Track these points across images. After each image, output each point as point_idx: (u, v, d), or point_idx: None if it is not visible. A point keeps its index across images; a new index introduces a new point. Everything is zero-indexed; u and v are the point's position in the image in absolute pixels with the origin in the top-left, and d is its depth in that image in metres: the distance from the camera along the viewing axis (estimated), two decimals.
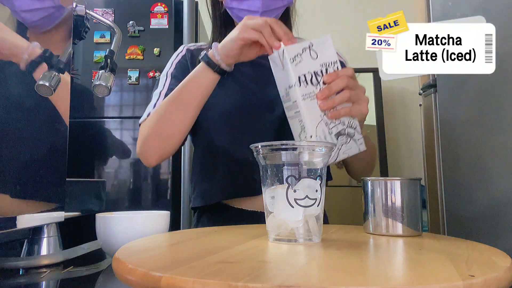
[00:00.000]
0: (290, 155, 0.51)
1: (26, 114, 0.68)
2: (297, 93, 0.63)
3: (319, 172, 0.51)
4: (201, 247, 0.51)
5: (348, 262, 0.41)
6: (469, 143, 0.68)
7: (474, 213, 0.64)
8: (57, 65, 0.70)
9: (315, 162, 0.51)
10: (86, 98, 1.98)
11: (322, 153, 0.51)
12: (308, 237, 0.51)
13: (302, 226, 0.50)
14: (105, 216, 0.65)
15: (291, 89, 0.65)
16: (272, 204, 0.51)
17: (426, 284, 0.31)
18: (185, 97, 0.79)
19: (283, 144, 0.50)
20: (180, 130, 0.81)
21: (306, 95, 0.64)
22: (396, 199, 0.58)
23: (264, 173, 0.52)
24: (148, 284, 0.35)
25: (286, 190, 0.49)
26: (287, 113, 0.70)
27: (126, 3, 2.00)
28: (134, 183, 1.94)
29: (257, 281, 0.32)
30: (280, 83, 0.69)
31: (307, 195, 0.49)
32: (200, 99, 0.79)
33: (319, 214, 0.51)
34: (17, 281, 0.57)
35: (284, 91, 0.68)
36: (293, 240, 0.50)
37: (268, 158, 0.52)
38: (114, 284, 0.54)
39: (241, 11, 0.85)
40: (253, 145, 0.53)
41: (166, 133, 0.81)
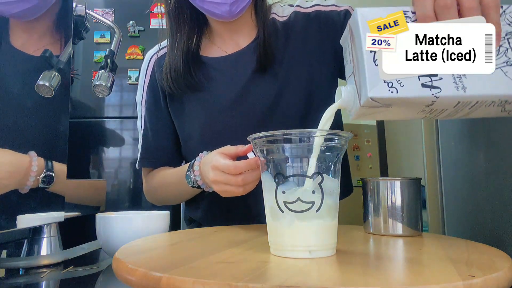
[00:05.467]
0: (277, 148, 0.44)
1: (26, 114, 0.68)
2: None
3: (316, 168, 0.43)
4: (201, 247, 0.51)
5: (348, 262, 0.41)
6: (469, 142, 0.68)
7: (474, 213, 0.64)
8: (57, 65, 0.70)
9: (308, 155, 0.44)
10: (86, 98, 1.98)
11: (311, 143, 0.43)
12: (308, 250, 0.42)
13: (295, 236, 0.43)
14: (105, 216, 0.65)
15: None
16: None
17: (426, 284, 0.31)
18: (176, 191, 0.84)
19: (269, 134, 0.44)
20: (179, 201, 0.92)
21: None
22: (396, 199, 0.58)
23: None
24: (148, 284, 0.35)
25: (275, 191, 0.43)
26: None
27: (126, 3, 2.00)
28: (134, 183, 1.94)
29: (257, 281, 0.32)
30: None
31: (299, 197, 0.42)
32: (191, 193, 0.84)
33: (328, 221, 0.43)
34: (17, 281, 0.57)
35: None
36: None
37: (262, 152, 0.46)
38: (114, 284, 0.54)
39: (205, 3, 0.76)
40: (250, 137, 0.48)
41: (167, 202, 0.92)
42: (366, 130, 2.42)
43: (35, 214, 0.69)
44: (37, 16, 0.70)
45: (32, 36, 0.70)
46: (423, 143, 1.45)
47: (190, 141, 0.86)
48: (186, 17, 0.84)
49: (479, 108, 0.45)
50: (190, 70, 0.82)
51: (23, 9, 0.66)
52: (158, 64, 0.89)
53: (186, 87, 0.82)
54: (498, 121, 0.57)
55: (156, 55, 0.91)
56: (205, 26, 0.89)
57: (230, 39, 0.86)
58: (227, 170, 0.61)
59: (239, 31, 0.86)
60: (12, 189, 0.62)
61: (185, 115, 0.85)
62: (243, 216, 0.79)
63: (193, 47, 0.84)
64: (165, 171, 0.87)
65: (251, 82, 0.82)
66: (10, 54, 0.65)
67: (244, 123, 0.81)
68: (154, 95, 0.89)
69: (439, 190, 0.93)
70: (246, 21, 0.85)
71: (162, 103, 0.88)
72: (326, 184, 0.43)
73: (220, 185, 0.64)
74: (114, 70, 0.83)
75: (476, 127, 0.65)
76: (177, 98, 0.86)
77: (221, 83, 0.83)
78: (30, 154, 0.65)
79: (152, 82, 0.89)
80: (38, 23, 0.71)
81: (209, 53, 0.87)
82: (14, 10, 0.64)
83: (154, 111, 0.89)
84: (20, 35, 0.66)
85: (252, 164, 0.61)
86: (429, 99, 0.43)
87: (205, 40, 0.88)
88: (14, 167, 0.63)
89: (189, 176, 0.74)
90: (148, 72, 0.90)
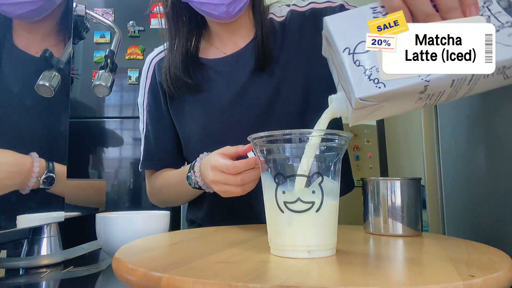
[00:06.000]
0: (277, 148, 0.44)
1: (26, 114, 0.68)
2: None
3: (316, 168, 0.43)
4: (201, 247, 0.51)
5: (348, 262, 0.41)
6: (470, 142, 0.68)
7: (474, 213, 0.64)
8: (57, 65, 0.70)
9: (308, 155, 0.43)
10: (86, 98, 1.98)
11: (315, 143, 0.43)
12: (308, 250, 0.42)
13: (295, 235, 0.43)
14: (105, 216, 0.65)
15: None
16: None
17: (426, 284, 0.31)
18: (178, 192, 0.85)
19: (269, 134, 0.44)
20: (181, 202, 0.93)
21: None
22: (396, 199, 0.58)
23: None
24: (148, 284, 0.35)
25: (275, 190, 0.44)
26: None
27: (126, 3, 2.00)
28: (134, 183, 1.94)
29: (257, 281, 0.32)
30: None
31: (299, 197, 0.42)
32: (193, 194, 0.84)
33: (327, 223, 0.43)
34: (17, 281, 0.57)
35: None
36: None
37: (262, 152, 0.46)
38: (114, 284, 0.54)
39: (203, 4, 0.77)
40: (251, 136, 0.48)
41: (170, 204, 0.94)
42: (366, 130, 2.42)
43: (35, 214, 0.69)
44: (41, 17, 0.70)
45: (36, 37, 0.70)
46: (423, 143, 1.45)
47: (191, 142, 0.86)
48: (184, 19, 0.84)
49: (478, 81, 0.44)
50: (189, 72, 0.83)
51: (28, 10, 0.66)
52: (158, 66, 0.89)
53: (185, 88, 0.83)
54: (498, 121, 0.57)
55: (157, 57, 0.91)
56: (204, 28, 0.89)
57: (228, 40, 0.87)
58: (226, 170, 0.62)
59: (238, 31, 0.86)
60: (13, 189, 0.62)
61: (185, 117, 0.86)
62: (245, 216, 0.79)
63: (192, 49, 0.85)
64: (167, 172, 0.87)
65: (249, 81, 0.82)
66: (13, 55, 0.65)
67: (243, 122, 0.81)
68: (155, 98, 0.89)
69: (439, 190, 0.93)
70: (244, 22, 0.86)
71: (163, 105, 0.88)
72: (326, 184, 0.43)
73: (219, 185, 0.64)
74: (114, 70, 0.83)
75: (476, 127, 0.65)
76: (177, 100, 0.86)
77: (220, 84, 0.84)
78: (32, 155, 0.65)
79: (153, 85, 0.90)
80: (41, 24, 0.71)
81: (208, 54, 0.87)
82: (19, 11, 0.65)
83: (155, 114, 0.89)
84: (23, 35, 0.67)
85: (251, 163, 0.61)
86: (421, 85, 0.42)
87: (203, 42, 0.89)
88: (16, 167, 0.63)
89: (190, 177, 0.74)
90: (149, 75, 0.91)
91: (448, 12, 0.43)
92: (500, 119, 0.55)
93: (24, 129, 0.67)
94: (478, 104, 0.63)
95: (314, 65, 0.82)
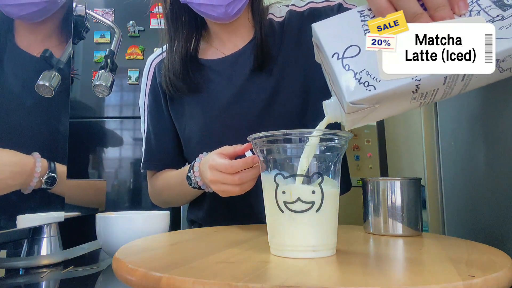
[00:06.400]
0: (277, 148, 0.44)
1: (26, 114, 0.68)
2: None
3: (316, 168, 0.44)
4: (201, 247, 0.51)
5: (348, 262, 0.41)
6: (470, 142, 0.68)
7: (474, 213, 0.64)
8: (57, 65, 0.70)
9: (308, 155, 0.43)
10: (86, 98, 1.98)
11: (314, 143, 0.43)
12: (308, 250, 0.42)
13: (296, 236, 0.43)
14: (105, 216, 0.65)
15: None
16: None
17: (426, 284, 0.31)
18: (179, 192, 0.85)
19: (269, 134, 0.43)
20: (183, 202, 0.93)
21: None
22: (396, 199, 0.58)
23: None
24: (148, 284, 0.35)
25: (275, 191, 0.43)
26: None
27: (126, 3, 2.00)
28: (134, 183, 1.94)
29: (257, 281, 0.32)
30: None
31: (299, 197, 0.42)
32: (193, 194, 0.84)
33: (325, 223, 0.43)
34: (17, 281, 0.57)
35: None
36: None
37: (262, 152, 0.46)
38: (114, 284, 0.54)
39: (202, 6, 0.77)
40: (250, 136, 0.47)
41: (172, 204, 0.95)
42: (366, 130, 2.42)
43: (35, 214, 0.69)
44: (43, 18, 0.70)
45: (37, 37, 0.70)
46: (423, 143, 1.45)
47: (191, 143, 0.86)
48: (184, 20, 0.85)
49: (473, 77, 0.43)
50: (189, 73, 0.83)
51: (30, 11, 0.66)
52: (158, 68, 0.90)
53: (185, 89, 0.83)
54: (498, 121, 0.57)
55: (157, 59, 0.92)
56: (203, 29, 0.90)
57: (228, 40, 0.87)
58: (224, 169, 0.62)
59: (237, 32, 0.86)
60: (15, 189, 0.62)
61: (185, 117, 0.86)
62: (245, 215, 0.79)
63: (191, 50, 0.85)
64: (168, 173, 0.87)
65: (249, 81, 0.82)
66: (15, 55, 0.65)
67: (243, 122, 0.82)
68: (155, 99, 0.90)
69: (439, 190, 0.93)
70: (243, 22, 0.86)
71: (164, 106, 0.89)
72: (326, 184, 0.43)
73: (217, 185, 0.64)
74: (114, 70, 0.83)
75: (476, 127, 0.65)
76: (177, 101, 0.86)
77: (220, 84, 0.84)
78: (34, 155, 0.65)
79: (153, 86, 0.90)
80: (43, 25, 0.71)
81: (207, 55, 0.88)
82: (22, 12, 0.65)
83: (155, 115, 0.90)
84: (25, 36, 0.67)
85: (248, 162, 0.61)
86: (412, 85, 0.42)
87: (203, 43, 0.89)
88: (19, 167, 0.63)
89: (190, 177, 0.74)
90: (150, 76, 0.91)
91: (436, 10, 0.42)
92: (500, 119, 0.55)
93: (24, 129, 0.67)
94: (478, 104, 0.63)
95: (313, 64, 0.82)
